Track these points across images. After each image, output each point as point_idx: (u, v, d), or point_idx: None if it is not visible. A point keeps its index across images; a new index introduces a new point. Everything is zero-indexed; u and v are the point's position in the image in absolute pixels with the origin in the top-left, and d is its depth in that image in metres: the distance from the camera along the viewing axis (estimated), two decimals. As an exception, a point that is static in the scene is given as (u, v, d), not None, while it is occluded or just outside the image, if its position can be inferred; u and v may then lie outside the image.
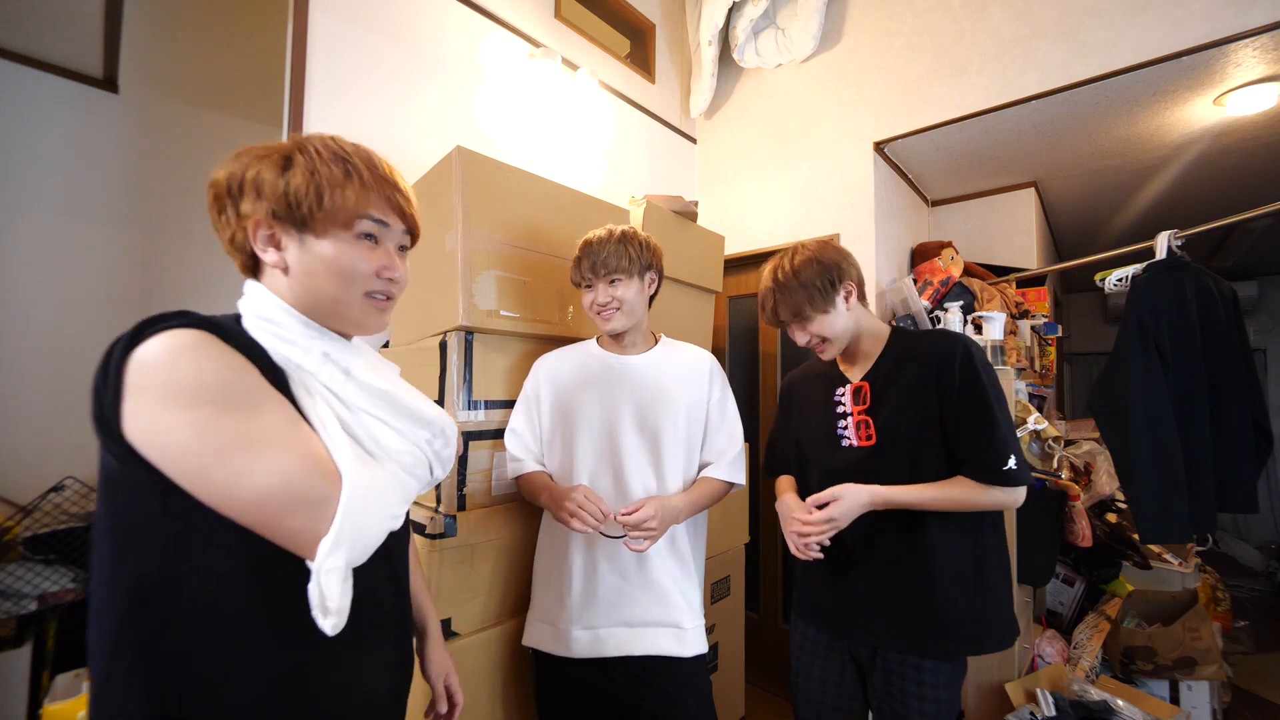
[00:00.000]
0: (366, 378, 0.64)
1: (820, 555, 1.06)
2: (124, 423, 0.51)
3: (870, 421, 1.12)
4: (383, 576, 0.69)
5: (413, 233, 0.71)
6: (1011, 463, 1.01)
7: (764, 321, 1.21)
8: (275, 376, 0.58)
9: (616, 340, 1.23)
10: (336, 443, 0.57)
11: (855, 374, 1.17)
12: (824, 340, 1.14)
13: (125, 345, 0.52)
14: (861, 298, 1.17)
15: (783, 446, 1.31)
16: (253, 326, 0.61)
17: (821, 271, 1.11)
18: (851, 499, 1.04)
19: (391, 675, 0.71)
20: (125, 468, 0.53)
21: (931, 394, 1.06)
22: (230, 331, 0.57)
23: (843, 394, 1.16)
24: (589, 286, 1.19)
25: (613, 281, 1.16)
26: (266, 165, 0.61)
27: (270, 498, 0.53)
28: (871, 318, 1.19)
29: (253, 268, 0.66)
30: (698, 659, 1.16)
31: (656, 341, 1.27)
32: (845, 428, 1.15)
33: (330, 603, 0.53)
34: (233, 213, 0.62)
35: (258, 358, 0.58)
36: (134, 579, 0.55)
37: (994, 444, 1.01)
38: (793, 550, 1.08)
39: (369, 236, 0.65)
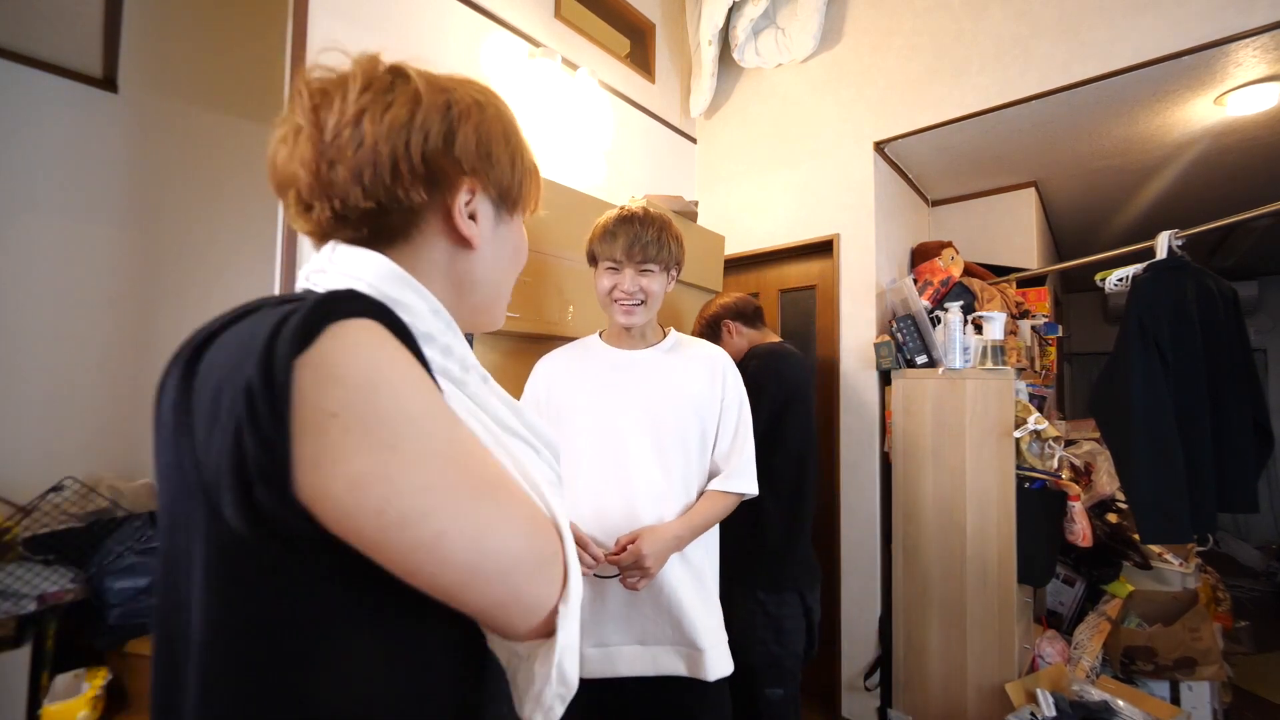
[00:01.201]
0: (496, 387, 0.51)
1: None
2: (298, 473, 0.32)
3: None
4: None
5: None
6: None
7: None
8: None
9: (625, 334, 1.15)
10: (520, 476, 0.44)
11: None
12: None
13: (295, 347, 0.33)
14: (752, 325, 1.66)
15: None
16: None
17: (708, 321, 1.69)
18: None
19: None
20: (278, 544, 0.35)
21: None
22: (397, 321, 0.39)
23: None
24: (614, 268, 1.07)
25: (645, 271, 1.07)
26: (488, 122, 0.49)
27: (520, 562, 0.39)
28: (761, 337, 1.64)
29: (389, 234, 0.47)
30: (718, 682, 1.06)
31: (665, 335, 1.18)
32: None
33: (571, 681, 0.41)
34: (420, 162, 0.45)
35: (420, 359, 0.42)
36: (273, 694, 0.36)
37: None
38: None
39: None
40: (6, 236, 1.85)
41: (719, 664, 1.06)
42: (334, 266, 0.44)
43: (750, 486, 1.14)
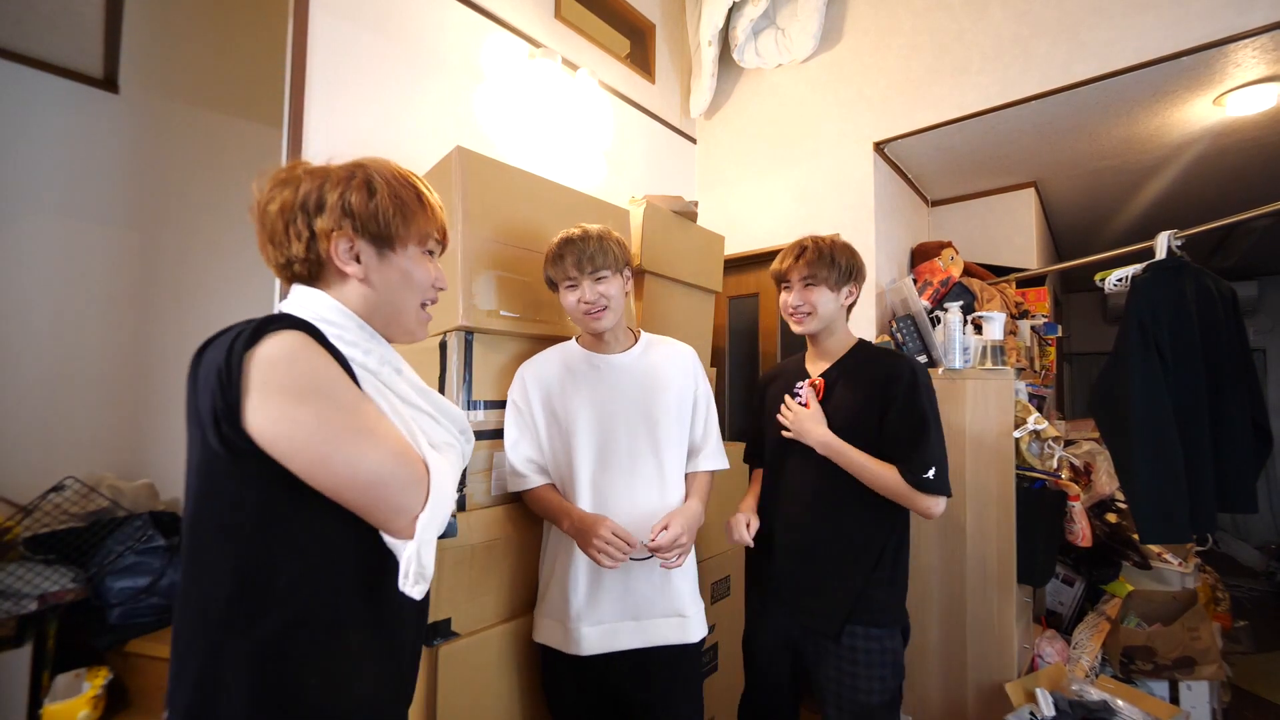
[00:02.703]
0: (412, 378, 0.75)
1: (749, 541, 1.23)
2: (245, 416, 0.56)
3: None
4: None
5: (444, 246, 0.82)
6: (931, 474, 1.14)
7: (771, 271, 1.30)
8: (350, 374, 0.65)
9: (599, 339, 1.22)
10: (408, 434, 0.66)
11: (815, 370, 1.31)
12: (810, 312, 1.25)
13: (245, 345, 0.56)
14: (851, 307, 1.30)
15: (755, 438, 1.44)
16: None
17: (851, 259, 1.25)
18: (812, 431, 1.21)
19: (415, 654, 0.79)
20: (236, 460, 0.58)
21: (875, 402, 1.19)
22: (319, 333, 0.62)
23: (801, 386, 1.29)
24: (572, 285, 1.16)
25: (599, 279, 1.15)
26: (353, 189, 0.68)
27: (383, 481, 0.61)
28: (847, 327, 1.32)
29: (307, 276, 0.71)
30: (698, 644, 1.19)
31: (637, 338, 1.27)
32: None
33: (426, 570, 0.63)
34: (304, 225, 0.68)
35: (338, 357, 0.64)
36: (240, 561, 0.60)
37: (921, 454, 1.14)
38: (737, 537, 1.23)
39: (429, 252, 0.76)
40: (6, 236, 1.85)
41: (699, 626, 1.19)
42: (294, 300, 0.70)
43: (724, 462, 1.29)
